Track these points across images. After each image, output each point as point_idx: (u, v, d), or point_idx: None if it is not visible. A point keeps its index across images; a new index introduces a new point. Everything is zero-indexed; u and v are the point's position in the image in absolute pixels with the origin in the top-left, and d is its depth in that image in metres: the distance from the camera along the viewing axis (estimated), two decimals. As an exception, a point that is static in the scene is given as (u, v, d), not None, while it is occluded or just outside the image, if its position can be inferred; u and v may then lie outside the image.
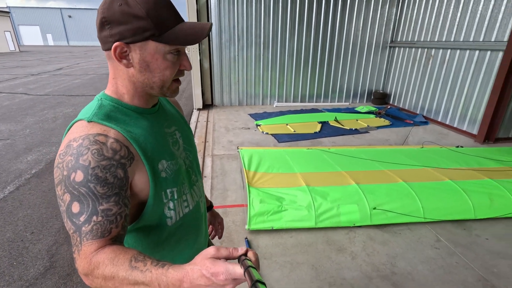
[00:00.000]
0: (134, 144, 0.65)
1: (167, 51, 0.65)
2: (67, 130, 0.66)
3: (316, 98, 7.24)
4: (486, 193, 2.75)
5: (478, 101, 4.75)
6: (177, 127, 0.83)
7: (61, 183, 0.59)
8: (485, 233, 2.46)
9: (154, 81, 0.68)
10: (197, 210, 0.86)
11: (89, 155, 0.59)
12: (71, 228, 0.58)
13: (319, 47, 6.76)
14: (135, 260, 0.55)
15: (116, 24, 0.62)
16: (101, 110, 0.66)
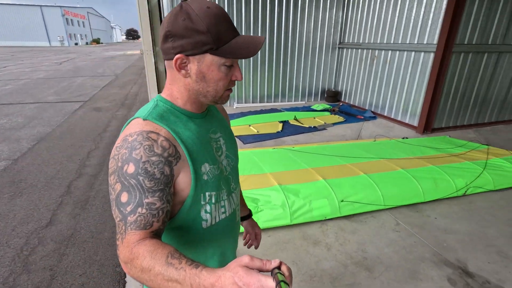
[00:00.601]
0: (181, 145, 0.69)
1: (221, 63, 0.69)
2: (124, 126, 0.71)
3: (274, 98, 7.45)
4: (431, 178, 3.15)
5: (417, 97, 5.36)
6: (222, 134, 0.86)
7: (115, 173, 0.64)
8: (433, 213, 2.82)
9: (208, 91, 0.73)
10: (233, 218, 0.88)
11: (141, 150, 0.63)
12: (118, 216, 0.62)
13: (275, 47, 6.97)
14: (171, 256, 0.56)
15: (178, 38, 0.67)
16: (155, 110, 0.71)
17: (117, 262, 2.18)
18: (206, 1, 0.68)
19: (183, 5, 0.67)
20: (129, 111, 6.73)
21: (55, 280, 2.02)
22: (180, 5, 0.67)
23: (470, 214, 2.81)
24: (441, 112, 5.32)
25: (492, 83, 5.50)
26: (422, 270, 2.13)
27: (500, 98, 5.74)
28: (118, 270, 2.12)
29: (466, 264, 2.19)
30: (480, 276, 2.08)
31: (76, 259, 2.22)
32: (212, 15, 0.66)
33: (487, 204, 2.98)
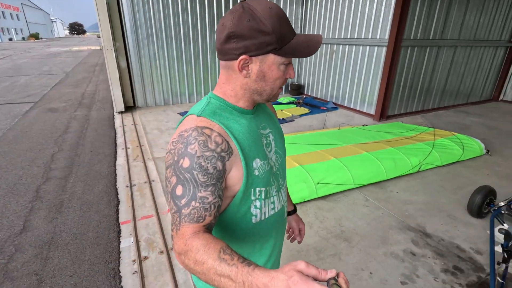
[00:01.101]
0: (233, 140, 0.70)
1: (281, 62, 0.71)
2: (179, 122, 0.73)
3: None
4: (391, 158, 3.55)
5: (372, 88, 5.88)
6: (271, 129, 0.86)
7: (171, 167, 0.66)
8: (395, 188, 3.21)
9: (265, 89, 0.74)
10: (281, 214, 0.88)
11: (196, 145, 0.65)
12: (173, 208, 0.64)
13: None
14: (224, 252, 0.56)
15: (243, 39, 0.66)
16: (208, 107, 0.73)
17: (108, 259, 2.17)
18: (267, 0, 0.68)
19: (245, 5, 0.67)
20: (89, 111, 6.35)
21: (43, 284, 1.95)
22: (242, 6, 0.67)
23: (424, 186, 3.26)
24: (393, 101, 5.91)
25: (434, 74, 6.24)
26: (390, 236, 2.45)
27: (441, 87, 6.53)
28: (111, 266, 2.11)
29: (424, 228, 2.57)
30: (436, 235, 2.47)
31: (63, 261, 2.15)
32: (275, 15, 0.66)
33: (437, 177, 3.46)
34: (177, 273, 2.04)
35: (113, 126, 5.28)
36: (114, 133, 4.88)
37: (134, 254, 2.21)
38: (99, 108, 6.57)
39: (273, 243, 0.89)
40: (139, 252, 2.22)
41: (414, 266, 2.13)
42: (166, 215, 2.69)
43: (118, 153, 4.07)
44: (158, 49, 6.26)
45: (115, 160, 3.84)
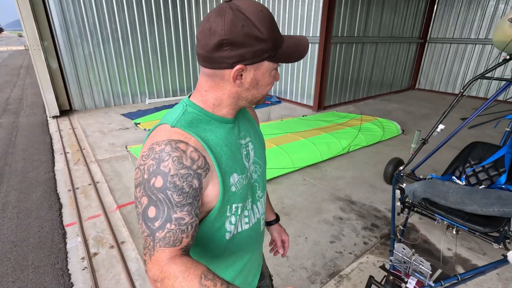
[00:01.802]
0: (210, 155, 0.65)
1: (274, 68, 0.68)
2: (150, 131, 0.67)
3: (187, 91, 7.57)
4: (325, 143, 4.01)
5: (310, 82, 6.42)
6: (251, 138, 0.81)
7: (141, 185, 0.60)
8: (329, 167, 3.66)
9: (257, 97, 0.70)
10: (256, 227, 0.84)
11: (169, 162, 0.59)
12: (145, 231, 0.59)
13: (181, 41, 7.05)
14: (205, 277, 0.54)
15: (237, 47, 0.60)
16: (184, 117, 0.66)
17: (54, 261, 2.15)
18: (255, 2, 0.63)
19: (233, 7, 0.60)
20: (16, 117, 5.78)
21: (-18, 294, 1.88)
22: (230, 7, 0.60)
23: (352, 164, 3.76)
24: (328, 93, 6.53)
25: (361, 68, 7.04)
26: (323, 207, 2.84)
27: (367, 79, 7.39)
28: (58, 266, 2.09)
29: (351, 197, 3.02)
30: (360, 202, 2.93)
31: (2, 269, 2.07)
32: (268, 20, 0.62)
33: (363, 156, 4.02)
34: (129, 262, 2.12)
35: (48, 131, 4.93)
36: (49, 139, 4.57)
37: (83, 252, 2.22)
38: (29, 114, 6.02)
39: (247, 259, 0.85)
40: (88, 250, 2.24)
41: (341, 228, 2.53)
42: (115, 213, 2.71)
43: (56, 159, 3.86)
44: (94, 48, 5.96)
45: (53, 166, 3.65)
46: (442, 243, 2.32)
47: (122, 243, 2.32)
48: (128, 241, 2.35)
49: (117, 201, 2.86)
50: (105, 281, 1.97)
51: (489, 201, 1.88)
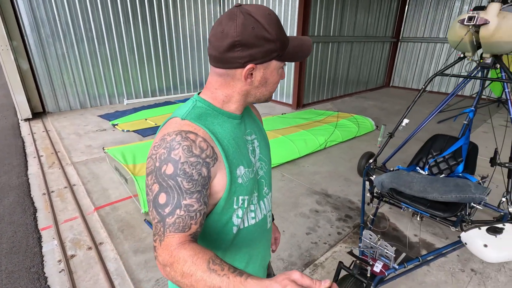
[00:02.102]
0: (218, 146, 0.68)
1: (281, 66, 0.72)
2: (162, 125, 0.71)
3: (166, 91, 7.50)
4: (302, 139, 4.13)
5: (289, 81, 6.54)
6: (256, 136, 0.84)
7: (152, 173, 0.63)
8: (306, 163, 3.78)
9: (265, 94, 0.74)
10: (263, 224, 0.85)
11: (180, 150, 0.62)
12: (156, 217, 0.61)
13: (159, 41, 6.97)
14: (213, 262, 0.55)
15: (248, 47, 0.65)
16: (194, 110, 0.71)
17: (30, 265, 2.11)
18: (263, 6, 0.68)
19: (244, 11, 0.65)
20: (-15, 121, 5.52)
21: (-48, 301, 1.82)
22: (240, 11, 0.65)
23: (329, 159, 3.90)
24: (307, 91, 6.69)
25: (337, 66, 7.25)
26: (300, 201, 2.95)
27: (344, 77, 7.62)
28: (33, 270, 2.06)
29: (327, 190, 3.15)
30: (335, 195, 3.06)
31: (-27, 276, 2.01)
32: (275, 22, 0.67)
33: (339, 151, 4.17)
34: (107, 263, 2.12)
35: (20, 135, 4.75)
36: (21, 142, 4.42)
37: (60, 255, 2.20)
38: (-2, 118, 5.76)
39: (255, 255, 0.86)
40: (64, 252, 2.21)
41: (316, 220, 2.64)
42: (92, 215, 2.68)
43: (29, 162, 3.74)
44: (68, 48, 5.79)
45: (26, 170, 3.54)
46: (408, 229, 2.48)
47: (100, 244, 2.31)
48: (106, 242, 2.34)
49: (95, 203, 2.84)
50: (83, 282, 1.97)
51: (447, 189, 2.04)
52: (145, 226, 2.52)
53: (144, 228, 2.50)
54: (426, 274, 2.05)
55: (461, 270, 2.09)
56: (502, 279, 2.02)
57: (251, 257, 0.86)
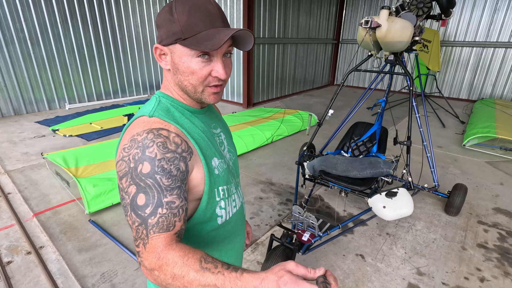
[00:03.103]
0: (191, 140, 0.68)
1: (193, 54, 0.65)
2: (127, 126, 0.68)
3: (113, 94, 7.23)
4: (250, 135, 4.36)
5: (238, 81, 6.77)
6: (222, 129, 0.85)
7: (127, 175, 0.60)
8: (254, 156, 4.01)
9: (186, 85, 0.70)
10: (242, 211, 0.88)
11: (155, 148, 0.60)
12: (136, 220, 0.58)
13: (102, 43, 6.71)
14: (205, 261, 0.54)
15: (159, 28, 0.68)
16: (160, 107, 0.69)
17: (-41, 276, 2.00)
18: None
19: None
20: None
21: None
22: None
23: (275, 152, 4.19)
24: (256, 91, 6.98)
25: (284, 66, 7.67)
26: (246, 190, 3.15)
27: (291, 76, 8.08)
28: (-36, 281, 1.96)
29: (271, 179, 3.40)
30: (278, 183, 3.33)
31: None
32: (188, 4, 0.64)
33: (284, 144, 4.49)
34: (49, 264, 2.10)
35: None
36: None
37: (-6, 263, 2.11)
38: None
39: (238, 241, 0.88)
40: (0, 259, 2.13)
41: (260, 205, 2.87)
42: (31, 220, 2.59)
43: (-46, 174, 3.41)
44: (-5, 50, 5.31)
45: (-50, 182, 3.23)
46: (336, 205, 2.83)
47: (40, 247, 2.26)
48: (47, 245, 2.30)
49: (34, 208, 2.73)
50: (22, 285, 1.93)
51: (364, 167, 2.41)
52: (90, 226, 2.51)
53: (89, 228, 2.49)
54: (350, 241, 2.39)
55: (378, 235, 2.46)
56: (409, 238, 2.43)
57: (238, 244, 0.87)
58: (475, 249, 2.32)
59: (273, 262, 1.77)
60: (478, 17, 7.13)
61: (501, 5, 6.80)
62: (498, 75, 7.20)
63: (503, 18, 6.84)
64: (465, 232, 2.51)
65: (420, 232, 2.50)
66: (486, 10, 7.00)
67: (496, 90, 7.30)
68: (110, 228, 2.49)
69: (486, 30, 7.11)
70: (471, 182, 3.36)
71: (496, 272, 2.10)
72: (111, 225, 2.54)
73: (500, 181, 3.42)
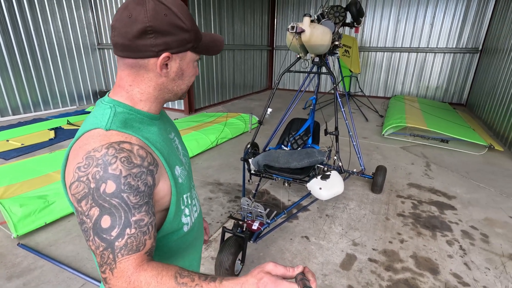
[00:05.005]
0: (155, 150, 0.64)
1: (195, 59, 0.70)
2: (74, 141, 0.61)
3: (34, 107, 6.44)
4: (194, 140, 4.37)
5: (178, 86, 6.67)
6: (175, 133, 0.83)
7: (87, 197, 0.55)
8: (200, 160, 4.03)
9: (182, 88, 0.71)
10: (201, 214, 0.88)
11: (118, 164, 0.55)
12: (101, 245, 0.53)
13: (16, 49, 5.95)
14: (180, 276, 0.52)
15: (162, 35, 0.61)
16: (117, 117, 0.62)
17: None
18: None
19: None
20: None
21: None
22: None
23: (220, 154, 4.27)
24: (198, 97, 6.97)
25: (224, 72, 7.83)
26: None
27: (231, 82, 8.28)
28: None
29: (219, 180, 3.48)
30: (226, 182, 3.43)
31: None
32: (187, 12, 0.65)
33: (230, 146, 4.61)
34: (-30, 299, 1.83)
35: None
36: None
37: None
38: None
39: (199, 244, 0.87)
40: None
41: (210, 205, 2.93)
42: None
43: None
44: None
45: None
46: (281, 195, 3.05)
47: (-44, 283, 1.94)
48: (-35, 279, 1.99)
49: None
50: None
51: (301, 157, 2.66)
52: (20, 250, 2.25)
53: (18, 252, 2.22)
54: (296, 226, 2.61)
55: (319, 217, 2.74)
56: (344, 216, 2.77)
57: (199, 250, 0.86)
58: (396, 218, 2.76)
59: (226, 252, 1.86)
60: (386, 26, 8.37)
61: (402, 17, 8.11)
62: (405, 75, 8.52)
63: (404, 27, 8.16)
64: (387, 206, 2.96)
65: (353, 210, 2.87)
66: (391, 20, 8.25)
67: (405, 88, 8.62)
68: (45, 249, 2.27)
69: (392, 37, 8.38)
70: (390, 165, 3.95)
71: (411, 233, 2.54)
72: (46, 246, 2.31)
73: (412, 161, 4.10)
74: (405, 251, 2.32)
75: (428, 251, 2.32)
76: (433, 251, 2.32)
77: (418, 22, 7.97)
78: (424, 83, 8.35)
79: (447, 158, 4.23)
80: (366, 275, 2.07)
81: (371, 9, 8.37)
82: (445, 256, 2.27)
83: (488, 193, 3.24)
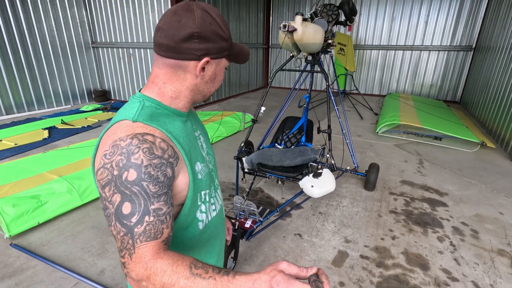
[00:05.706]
0: (177, 144, 0.68)
1: (227, 66, 0.77)
2: (105, 130, 0.66)
3: (28, 106, 6.39)
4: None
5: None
6: (201, 131, 0.85)
7: (110, 184, 0.58)
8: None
9: (211, 91, 0.77)
10: (221, 214, 0.88)
11: (140, 154, 0.59)
12: (121, 230, 0.56)
13: (9, 49, 5.89)
14: (195, 266, 0.54)
15: (205, 41, 0.67)
16: (144, 111, 0.67)
17: None
18: (214, 7, 0.71)
19: (199, 6, 0.68)
20: None
21: None
22: (196, 5, 0.68)
23: (215, 152, 4.26)
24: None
25: (219, 70, 7.81)
26: (189, 191, 3.18)
27: (227, 80, 8.26)
28: None
29: (213, 179, 3.49)
30: (221, 181, 3.43)
31: None
32: (226, 22, 0.71)
33: (224, 145, 4.61)
34: (-38, 299, 1.82)
35: None
36: None
37: None
38: None
39: (218, 244, 0.88)
40: None
41: (204, 204, 2.93)
42: None
43: None
44: None
45: None
46: (274, 193, 3.07)
47: None
48: (-43, 279, 1.98)
49: None
50: None
51: (295, 155, 2.68)
52: (12, 250, 2.24)
53: (11, 253, 2.22)
54: (289, 223, 2.63)
55: (312, 215, 2.76)
56: (337, 214, 2.79)
57: (217, 247, 0.88)
58: (388, 215, 2.79)
59: (219, 250, 1.87)
60: (381, 24, 8.39)
61: (396, 14, 8.14)
62: (400, 73, 8.56)
63: (399, 25, 8.20)
64: (380, 203, 2.99)
65: (346, 208, 2.89)
66: (386, 18, 8.28)
67: (400, 86, 8.66)
68: (38, 249, 2.27)
69: (387, 35, 8.41)
70: (384, 162, 3.98)
71: (403, 230, 2.57)
72: (39, 245, 2.31)
73: (405, 159, 4.13)
74: (396, 248, 2.35)
75: (419, 248, 2.35)
76: (424, 247, 2.35)
77: (412, 20, 8.01)
78: (419, 81, 8.40)
79: (440, 155, 4.28)
80: (358, 272, 2.10)
81: (366, 7, 8.39)
82: (436, 252, 2.30)
83: (480, 190, 3.28)
